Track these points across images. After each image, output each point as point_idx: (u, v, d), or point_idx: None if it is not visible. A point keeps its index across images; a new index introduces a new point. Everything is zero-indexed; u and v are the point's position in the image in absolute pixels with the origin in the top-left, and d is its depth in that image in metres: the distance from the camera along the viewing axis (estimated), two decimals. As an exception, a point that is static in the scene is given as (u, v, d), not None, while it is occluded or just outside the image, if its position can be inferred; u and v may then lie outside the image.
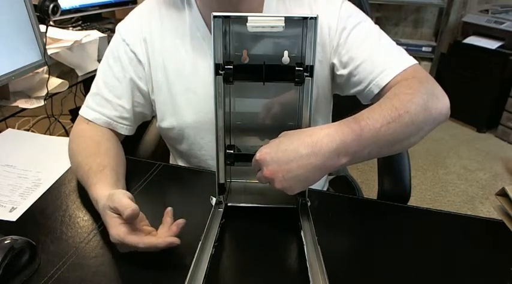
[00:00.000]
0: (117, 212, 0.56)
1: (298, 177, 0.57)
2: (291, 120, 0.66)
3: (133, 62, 0.78)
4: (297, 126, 0.65)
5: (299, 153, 0.57)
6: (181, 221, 0.58)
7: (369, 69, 0.72)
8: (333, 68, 0.78)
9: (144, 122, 0.88)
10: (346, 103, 0.87)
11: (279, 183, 0.58)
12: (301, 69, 0.59)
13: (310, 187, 0.68)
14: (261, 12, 0.75)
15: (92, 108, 0.79)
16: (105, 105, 0.79)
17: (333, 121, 0.90)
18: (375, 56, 0.72)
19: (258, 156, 0.59)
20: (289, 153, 0.57)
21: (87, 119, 0.79)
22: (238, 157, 0.65)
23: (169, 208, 0.60)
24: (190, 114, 0.79)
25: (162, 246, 0.55)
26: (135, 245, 0.54)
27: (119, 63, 0.78)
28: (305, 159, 0.56)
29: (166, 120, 0.81)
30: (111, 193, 0.58)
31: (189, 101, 0.78)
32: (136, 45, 0.78)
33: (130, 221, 0.55)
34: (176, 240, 0.55)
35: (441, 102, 0.66)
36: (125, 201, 0.56)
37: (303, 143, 0.57)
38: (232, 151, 0.65)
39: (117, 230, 0.55)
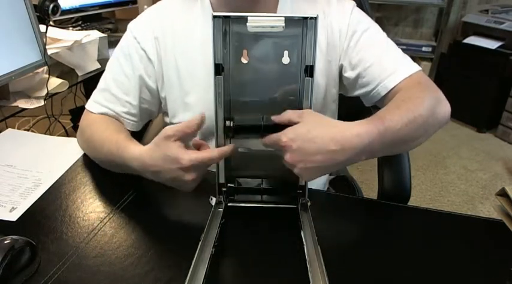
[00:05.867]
0: (181, 134, 0.58)
1: (319, 168, 0.58)
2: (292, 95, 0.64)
3: (144, 59, 0.79)
4: (299, 98, 0.63)
5: (327, 148, 0.56)
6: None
7: (377, 71, 0.74)
8: (341, 69, 0.80)
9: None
10: (347, 104, 0.87)
11: (298, 169, 0.58)
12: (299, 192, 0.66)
13: (310, 187, 0.68)
14: (275, 13, 0.77)
15: (100, 103, 0.80)
16: (113, 101, 0.80)
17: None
18: (383, 59, 0.75)
19: (284, 140, 0.58)
20: (317, 146, 0.56)
21: (94, 114, 0.80)
22: (237, 130, 0.63)
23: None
24: (201, 110, 0.79)
25: (230, 150, 0.60)
26: (210, 158, 0.58)
27: (129, 60, 0.79)
28: (331, 154, 0.57)
29: (177, 117, 0.83)
30: (161, 132, 0.60)
31: (200, 98, 0.79)
32: (148, 43, 0.79)
33: (199, 128, 0.59)
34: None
35: (444, 106, 0.69)
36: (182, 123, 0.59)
37: (333, 139, 0.57)
38: (231, 124, 0.62)
39: (189, 154, 0.58)
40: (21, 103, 1.10)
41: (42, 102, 1.12)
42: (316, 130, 0.57)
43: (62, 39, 1.28)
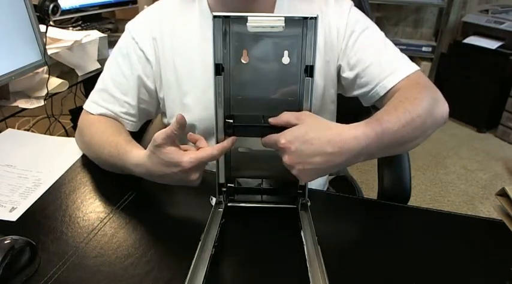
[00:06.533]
0: (170, 139, 0.58)
1: (317, 170, 0.58)
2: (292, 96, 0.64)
3: (142, 60, 0.79)
4: (299, 99, 0.63)
5: (324, 150, 0.57)
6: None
7: (376, 71, 0.74)
8: (339, 69, 0.79)
9: (146, 121, 0.88)
10: (345, 104, 0.87)
11: (296, 171, 0.59)
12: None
13: (310, 187, 0.68)
14: (273, 12, 0.76)
15: (98, 103, 0.80)
16: (112, 101, 0.80)
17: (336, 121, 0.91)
18: (382, 59, 0.74)
19: (282, 142, 0.58)
20: (314, 147, 0.57)
21: (93, 114, 0.80)
22: (237, 128, 0.62)
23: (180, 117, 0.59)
24: (199, 111, 0.79)
25: (230, 144, 0.60)
26: (210, 156, 0.59)
27: (128, 60, 0.79)
28: (329, 156, 0.57)
29: (175, 118, 0.82)
30: (152, 140, 0.59)
31: (198, 99, 0.79)
32: (146, 43, 0.78)
33: (182, 128, 0.58)
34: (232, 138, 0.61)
35: (442, 106, 0.69)
36: (167, 127, 0.58)
37: (331, 142, 0.57)
38: (231, 121, 0.61)
39: (186, 155, 0.58)
40: (21, 103, 1.10)
41: (42, 102, 1.11)
42: (313, 132, 0.58)
43: (62, 39, 1.28)
